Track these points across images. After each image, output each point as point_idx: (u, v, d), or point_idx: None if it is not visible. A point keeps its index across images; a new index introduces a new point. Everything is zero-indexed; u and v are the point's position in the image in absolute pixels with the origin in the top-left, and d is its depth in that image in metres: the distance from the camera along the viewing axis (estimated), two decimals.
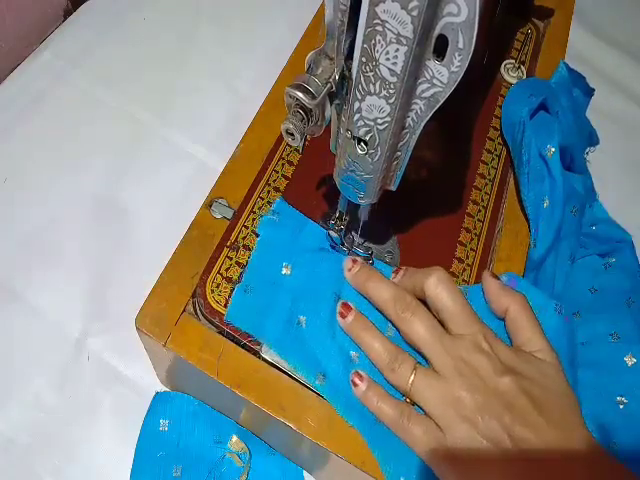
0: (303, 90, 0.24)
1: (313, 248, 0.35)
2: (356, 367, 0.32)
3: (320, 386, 0.32)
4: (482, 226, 0.40)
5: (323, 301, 0.34)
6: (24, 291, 0.45)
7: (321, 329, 0.33)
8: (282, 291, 0.34)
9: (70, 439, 0.41)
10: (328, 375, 0.32)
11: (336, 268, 0.35)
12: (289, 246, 0.35)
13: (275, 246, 0.35)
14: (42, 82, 0.56)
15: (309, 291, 0.34)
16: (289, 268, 0.35)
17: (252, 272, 0.34)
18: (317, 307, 0.33)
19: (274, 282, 0.34)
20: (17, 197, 0.50)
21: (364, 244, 0.37)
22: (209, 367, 0.33)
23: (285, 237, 0.36)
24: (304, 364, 0.32)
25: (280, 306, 0.34)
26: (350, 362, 0.33)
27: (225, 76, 0.59)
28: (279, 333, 0.33)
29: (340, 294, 0.34)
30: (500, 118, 0.44)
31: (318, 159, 0.34)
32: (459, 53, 0.22)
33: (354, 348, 0.33)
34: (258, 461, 0.40)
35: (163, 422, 0.39)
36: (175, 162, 0.53)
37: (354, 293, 0.34)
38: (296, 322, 0.33)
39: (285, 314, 0.33)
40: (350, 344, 0.33)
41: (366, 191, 0.30)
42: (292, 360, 0.33)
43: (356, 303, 0.33)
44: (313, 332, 0.33)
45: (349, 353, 0.33)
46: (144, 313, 0.34)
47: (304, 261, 0.35)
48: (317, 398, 0.33)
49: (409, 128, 0.26)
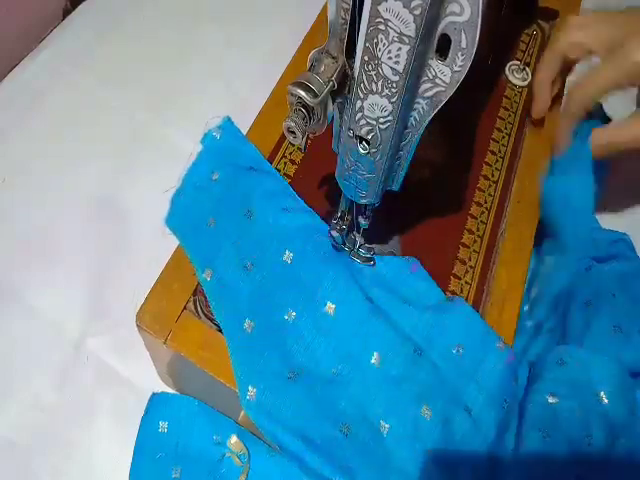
0: (305, 88, 0.24)
1: (244, 166, 0.38)
2: (249, 274, 0.34)
3: (205, 280, 0.34)
4: (485, 228, 0.39)
5: (233, 210, 0.36)
6: (24, 291, 0.45)
7: (226, 234, 0.35)
8: (207, 194, 0.37)
9: (69, 439, 0.41)
10: (215, 271, 0.34)
11: (254, 188, 0.36)
12: (223, 159, 0.38)
13: (211, 158, 0.38)
14: (42, 82, 0.55)
15: (226, 199, 0.36)
16: (217, 175, 0.37)
17: (187, 178, 0.37)
18: (228, 214, 0.36)
19: (203, 186, 0.37)
20: (17, 197, 0.50)
21: (366, 244, 0.37)
22: (209, 365, 0.33)
23: (222, 151, 0.38)
24: (197, 256, 0.35)
25: (201, 208, 0.36)
26: (244, 268, 0.34)
27: (225, 76, 0.59)
28: (195, 231, 0.36)
29: (251, 209, 0.36)
30: (504, 119, 0.44)
31: (320, 158, 0.34)
32: (462, 53, 0.22)
33: (249, 255, 0.34)
34: (257, 462, 0.40)
35: (162, 423, 0.39)
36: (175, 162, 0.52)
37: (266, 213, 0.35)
38: (207, 224, 0.36)
39: (204, 215, 0.36)
40: (248, 251, 0.34)
41: (368, 190, 0.30)
42: (190, 251, 0.35)
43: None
44: (219, 234, 0.35)
45: (245, 261, 0.34)
46: (145, 310, 0.34)
47: (231, 173, 0.37)
48: None
49: (411, 127, 0.26)
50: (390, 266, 0.35)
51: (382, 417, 0.31)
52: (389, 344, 0.33)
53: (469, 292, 0.37)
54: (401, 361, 0.32)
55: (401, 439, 0.31)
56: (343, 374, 0.32)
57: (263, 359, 0.32)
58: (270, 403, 0.31)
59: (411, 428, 0.31)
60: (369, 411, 0.31)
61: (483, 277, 0.38)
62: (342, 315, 0.33)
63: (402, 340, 0.33)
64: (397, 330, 0.33)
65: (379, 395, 0.32)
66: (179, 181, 0.37)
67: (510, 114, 0.45)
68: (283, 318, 0.33)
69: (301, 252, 0.34)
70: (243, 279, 0.34)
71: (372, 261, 0.35)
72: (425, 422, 0.31)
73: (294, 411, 0.31)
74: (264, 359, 0.32)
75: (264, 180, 0.37)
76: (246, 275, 0.34)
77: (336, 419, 0.31)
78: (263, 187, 0.37)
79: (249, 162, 0.38)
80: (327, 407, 0.32)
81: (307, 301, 0.33)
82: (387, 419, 0.31)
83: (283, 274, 0.34)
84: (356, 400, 0.32)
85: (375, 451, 0.31)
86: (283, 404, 0.31)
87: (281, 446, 0.31)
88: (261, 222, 0.35)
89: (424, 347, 0.33)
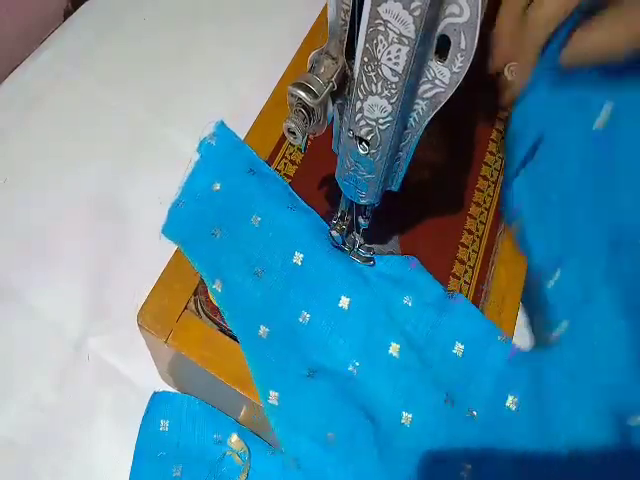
0: (305, 89, 0.24)
1: (243, 170, 0.37)
2: (260, 280, 0.34)
3: (216, 291, 0.34)
4: (484, 228, 0.40)
5: (238, 218, 0.36)
6: (24, 291, 0.45)
7: (233, 243, 0.35)
8: (209, 205, 0.36)
9: (70, 439, 0.41)
10: (226, 282, 0.34)
11: (256, 192, 0.36)
12: (222, 166, 0.37)
13: (209, 166, 0.37)
14: (42, 82, 0.55)
15: (231, 208, 0.36)
16: (219, 185, 0.37)
17: (186, 189, 0.37)
18: (234, 224, 0.36)
19: (204, 197, 0.37)
20: (17, 197, 0.50)
21: (366, 244, 0.37)
22: (210, 364, 0.33)
23: (219, 158, 0.38)
24: (206, 268, 0.34)
25: (204, 219, 0.36)
26: (254, 275, 0.34)
27: (225, 76, 0.59)
28: (200, 243, 0.35)
29: (258, 214, 0.36)
30: (503, 120, 0.44)
31: (321, 159, 0.34)
32: (461, 54, 0.22)
33: (259, 261, 0.34)
34: (258, 460, 0.40)
35: (163, 422, 0.39)
36: (175, 162, 0.52)
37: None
38: (212, 234, 0.35)
39: (208, 227, 0.36)
40: (257, 257, 0.34)
41: (368, 191, 0.30)
42: (198, 263, 0.34)
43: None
44: (226, 244, 0.35)
45: (254, 268, 0.34)
46: (146, 310, 0.34)
47: (232, 181, 0.37)
48: None
49: (411, 128, 0.26)
50: (389, 264, 0.36)
51: (404, 408, 0.32)
52: (406, 334, 0.33)
53: (468, 292, 0.37)
54: (417, 351, 0.33)
55: (424, 428, 0.31)
56: (361, 369, 0.32)
57: (281, 363, 0.32)
58: (292, 404, 0.32)
59: (433, 417, 0.31)
60: (390, 403, 0.32)
61: (482, 277, 0.38)
62: (356, 308, 0.33)
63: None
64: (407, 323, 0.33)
65: (399, 385, 0.32)
66: (178, 192, 0.37)
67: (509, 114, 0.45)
68: (298, 321, 0.33)
69: (310, 251, 0.34)
70: (254, 286, 0.34)
71: (372, 261, 0.35)
72: (449, 410, 0.31)
73: (316, 409, 0.32)
74: (282, 362, 0.32)
75: (265, 183, 0.37)
76: (257, 282, 0.34)
77: (356, 414, 0.31)
78: (265, 190, 0.37)
79: (247, 165, 0.38)
80: (348, 402, 0.32)
81: (321, 300, 0.34)
82: (409, 409, 0.31)
83: (294, 277, 0.34)
84: (376, 394, 0.32)
85: (395, 445, 0.31)
86: (305, 403, 0.32)
87: (300, 457, 0.31)
88: (267, 225, 0.35)
89: (425, 348, 0.33)
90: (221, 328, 0.34)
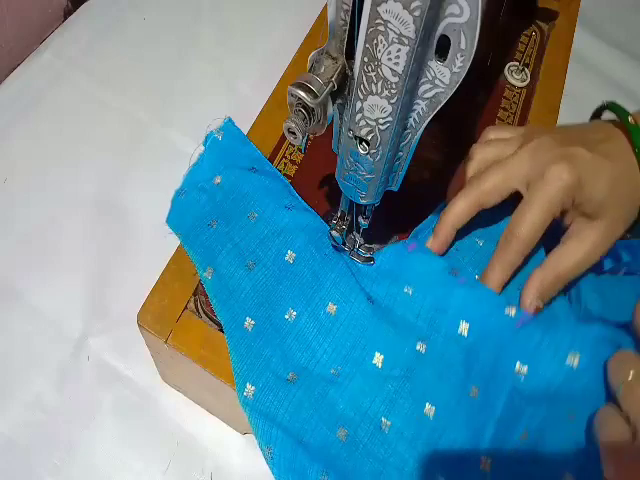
0: (305, 89, 0.24)
1: (246, 167, 0.38)
2: (251, 273, 0.34)
3: (207, 279, 0.34)
4: None
5: (236, 213, 0.36)
6: (24, 291, 0.45)
7: (228, 234, 0.35)
8: (209, 197, 0.37)
9: (70, 439, 0.41)
10: (217, 270, 0.34)
11: (256, 189, 0.37)
12: (225, 161, 0.38)
13: (213, 160, 0.38)
14: (42, 82, 0.56)
15: (229, 202, 0.37)
16: (220, 179, 0.37)
17: (189, 179, 0.37)
18: (231, 216, 0.36)
19: (205, 189, 0.37)
20: (17, 197, 0.50)
21: (366, 244, 0.37)
22: (210, 364, 0.33)
23: (224, 153, 0.38)
24: (199, 256, 0.35)
25: (203, 210, 0.36)
26: (245, 267, 0.34)
27: (225, 76, 0.59)
28: (196, 231, 0.36)
29: (255, 211, 0.36)
30: (503, 120, 0.44)
31: (321, 158, 0.34)
32: (461, 54, 0.22)
33: (252, 255, 0.35)
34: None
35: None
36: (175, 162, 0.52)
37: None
38: (208, 224, 0.36)
39: (205, 217, 0.36)
40: (250, 250, 0.35)
41: (368, 191, 0.30)
42: (192, 251, 0.35)
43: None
44: (221, 234, 0.35)
45: (246, 260, 0.34)
46: (146, 310, 0.34)
47: (233, 176, 0.37)
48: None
49: (411, 128, 0.26)
50: (387, 254, 0.35)
51: (384, 414, 0.31)
52: (391, 344, 0.33)
53: None
54: (404, 361, 0.32)
55: (403, 437, 0.31)
56: (343, 374, 0.32)
57: (263, 358, 0.32)
58: (268, 403, 0.31)
59: (414, 427, 0.31)
60: (370, 409, 0.32)
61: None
62: (343, 315, 0.33)
63: (404, 340, 0.33)
64: (399, 329, 0.33)
65: (380, 394, 0.32)
66: (181, 181, 0.37)
67: (509, 115, 0.45)
68: (284, 317, 0.33)
69: (303, 252, 0.34)
70: (244, 278, 0.34)
71: (372, 261, 0.35)
72: (428, 421, 0.31)
73: (291, 414, 0.31)
74: (264, 358, 0.32)
75: (266, 181, 0.37)
76: (247, 274, 0.34)
77: (334, 423, 0.31)
78: (265, 188, 0.37)
79: (251, 163, 0.38)
80: (326, 410, 0.32)
81: (308, 301, 0.33)
82: (389, 416, 0.31)
83: (285, 273, 0.34)
84: (356, 399, 0.32)
85: (374, 452, 0.31)
86: (281, 406, 0.31)
87: (274, 446, 0.31)
88: (264, 222, 0.36)
89: (429, 335, 0.33)
90: (221, 328, 0.34)
